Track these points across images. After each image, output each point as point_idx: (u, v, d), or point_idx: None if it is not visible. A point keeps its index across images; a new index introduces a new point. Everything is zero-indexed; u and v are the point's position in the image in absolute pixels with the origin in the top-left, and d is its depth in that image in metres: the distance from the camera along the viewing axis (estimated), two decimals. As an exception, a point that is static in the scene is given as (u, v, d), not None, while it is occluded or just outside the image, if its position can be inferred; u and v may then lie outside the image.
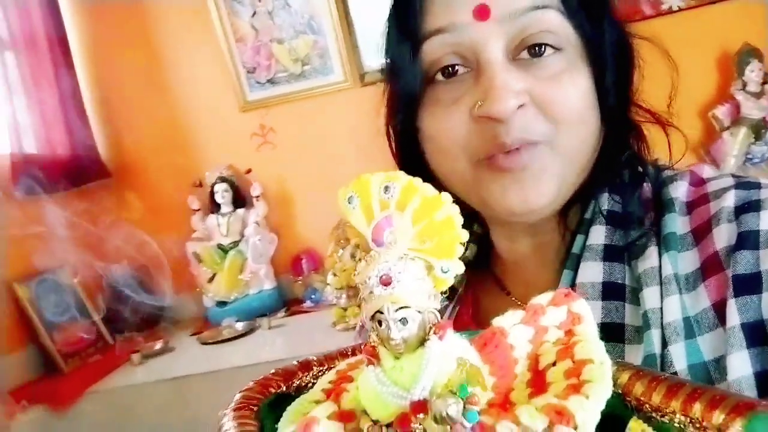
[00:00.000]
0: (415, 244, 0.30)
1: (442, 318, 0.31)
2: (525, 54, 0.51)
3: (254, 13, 2.23)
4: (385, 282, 0.30)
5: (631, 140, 0.57)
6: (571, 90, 0.51)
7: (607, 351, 0.33)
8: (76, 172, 2.15)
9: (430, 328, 0.31)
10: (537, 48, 0.50)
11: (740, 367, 0.43)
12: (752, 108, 1.93)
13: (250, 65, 2.27)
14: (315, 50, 2.23)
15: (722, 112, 1.97)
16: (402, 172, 0.30)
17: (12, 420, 1.59)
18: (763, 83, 1.92)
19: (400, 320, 0.30)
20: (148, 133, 2.30)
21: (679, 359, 0.46)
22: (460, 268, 0.31)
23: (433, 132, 0.54)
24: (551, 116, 0.50)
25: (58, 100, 2.12)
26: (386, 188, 0.30)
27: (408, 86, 0.55)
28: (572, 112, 0.51)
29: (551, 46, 0.51)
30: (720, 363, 0.45)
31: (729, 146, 1.96)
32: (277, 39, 2.24)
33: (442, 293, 0.32)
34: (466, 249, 0.69)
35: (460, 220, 0.30)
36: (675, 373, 0.45)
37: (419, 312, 0.30)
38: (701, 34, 2.01)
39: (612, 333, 0.50)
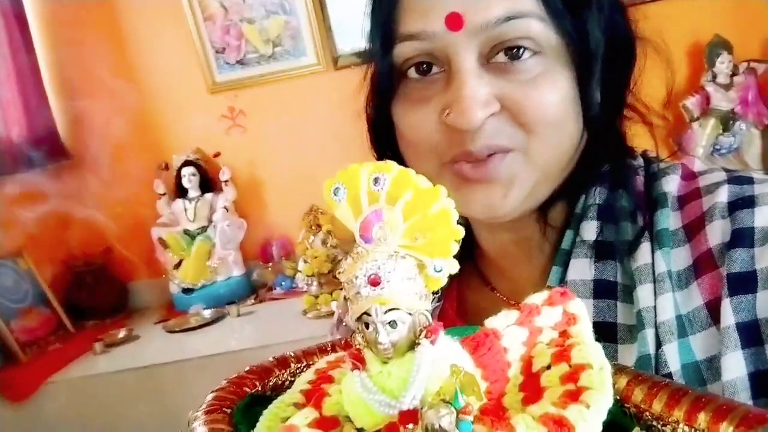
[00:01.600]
0: (407, 240, 0.28)
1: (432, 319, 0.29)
2: (502, 56, 0.49)
3: (224, -9, 2.16)
4: (374, 282, 0.27)
5: (614, 145, 0.55)
6: (548, 94, 0.49)
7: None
8: (34, 154, 2.07)
9: (421, 331, 0.29)
10: (515, 50, 0.49)
11: (735, 368, 0.42)
12: (721, 99, 1.96)
13: (219, 45, 2.20)
14: (287, 31, 2.18)
15: (692, 102, 1.99)
16: (393, 162, 0.28)
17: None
18: (732, 75, 1.95)
19: (389, 323, 0.28)
20: (112, 114, 2.22)
21: (673, 360, 0.45)
22: (455, 268, 0.29)
23: (402, 128, 0.53)
24: (524, 122, 0.49)
25: (15, 79, 2.03)
26: (376, 180, 0.28)
27: (382, 77, 0.54)
28: (547, 117, 0.49)
29: (529, 49, 0.49)
30: (712, 363, 0.44)
31: (698, 137, 1.99)
32: (248, 19, 2.18)
33: (433, 293, 0.30)
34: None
35: (456, 214, 0.28)
36: (669, 375, 0.44)
37: (409, 314, 0.28)
38: (672, 25, 2.00)
39: (604, 333, 0.48)
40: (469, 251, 0.65)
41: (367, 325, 0.28)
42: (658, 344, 0.45)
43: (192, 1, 2.15)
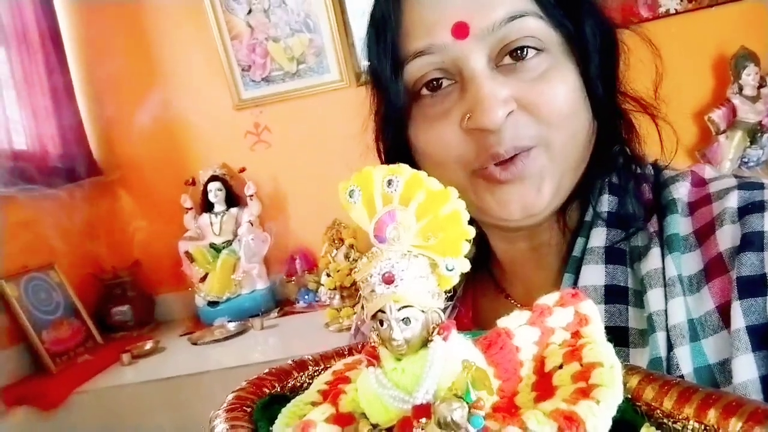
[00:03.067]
0: (419, 240, 0.29)
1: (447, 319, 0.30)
2: (508, 59, 0.51)
3: (250, 11, 2.22)
4: (388, 280, 0.28)
5: (622, 131, 0.57)
6: (558, 88, 0.51)
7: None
8: (67, 169, 2.13)
9: (434, 328, 0.29)
10: (519, 51, 0.50)
11: (746, 370, 0.42)
12: (748, 111, 1.93)
13: (245, 63, 2.25)
14: (311, 49, 2.22)
15: (718, 115, 1.97)
16: (406, 165, 0.29)
17: (0, 419, 1.56)
18: (760, 87, 1.92)
19: (402, 320, 0.29)
20: (141, 131, 2.28)
21: (685, 362, 0.45)
22: (466, 266, 0.30)
23: (424, 146, 0.54)
24: (541, 118, 0.50)
25: (50, 96, 2.09)
26: (389, 182, 0.29)
27: (394, 103, 0.54)
28: (562, 109, 0.50)
29: (533, 48, 0.50)
30: (725, 366, 0.44)
31: (725, 150, 1.96)
32: (273, 37, 2.23)
33: (445, 292, 0.31)
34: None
35: (467, 215, 0.29)
36: (681, 377, 0.44)
37: (423, 311, 0.29)
38: (698, 37, 2.01)
39: (616, 337, 0.48)
40: (485, 260, 0.65)
41: (381, 323, 0.29)
42: (670, 347, 0.46)
43: (219, 20, 2.20)
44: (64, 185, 2.13)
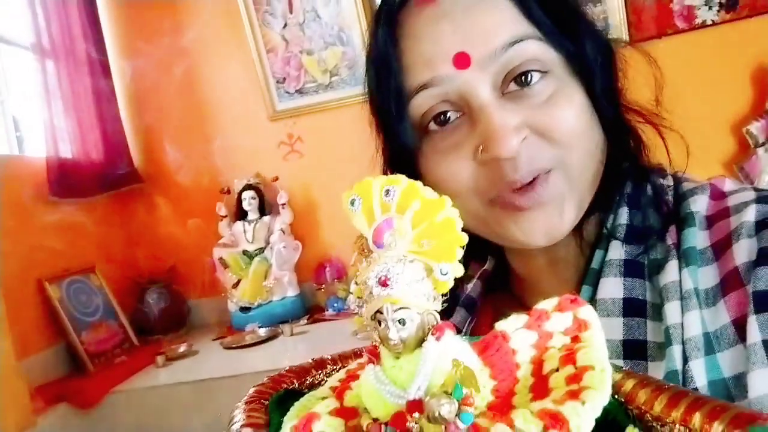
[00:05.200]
0: (415, 246, 0.31)
1: (443, 321, 0.32)
2: (513, 86, 0.50)
3: (285, 25, 2.27)
4: (383, 283, 0.30)
5: (631, 146, 0.56)
6: (567, 109, 0.50)
7: (631, 369, 0.32)
8: (109, 177, 2.21)
9: (429, 329, 0.31)
10: (524, 77, 0.50)
11: (762, 384, 0.42)
12: (787, 124, 1.88)
13: (279, 75, 2.31)
14: (344, 61, 2.26)
15: (757, 127, 1.92)
16: (403, 176, 0.31)
17: (39, 416, 1.63)
18: (800, 99, 1.87)
19: (398, 320, 0.30)
20: (180, 140, 2.35)
21: (700, 376, 0.45)
22: (460, 271, 0.31)
23: (437, 180, 0.53)
24: (555, 140, 0.50)
25: (94, 106, 2.18)
26: (387, 191, 0.31)
27: (402, 140, 0.54)
28: (574, 130, 0.50)
29: (537, 71, 0.50)
30: (740, 380, 0.44)
31: (763, 163, 1.91)
32: (307, 50, 2.28)
33: (442, 295, 0.32)
34: (485, 261, 0.67)
35: (461, 223, 0.31)
36: (695, 390, 0.44)
37: (418, 313, 0.31)
38: (736, 48, 1.98)
39: (634, 350, 0.49)
40: (504, 274, 0.66)
41: (380, 323, 0.31)
42: (685, 360, 0.46)
43: (256, 34, 2.27)
44: (106, 192, 2.21)
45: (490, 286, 0.67)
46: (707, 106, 1.88)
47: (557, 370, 0.34)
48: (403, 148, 0.54)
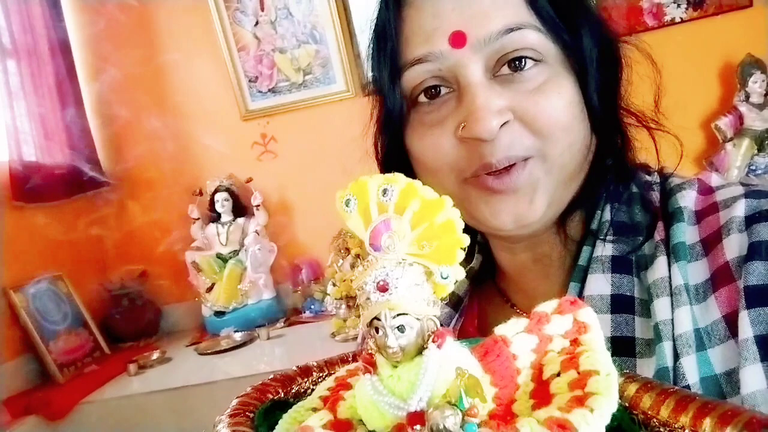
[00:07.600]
0: (414, 248, 0.29)
1: (443, 327, 0.30)
2: (506, 69, 0.51)
3: (257, 23, 2.24)
4: (382, 288, 0.28)
5: (619, 146, 0.56)
6: (555, 100, 0.50)
7: (619, 366, 0.31)
8: (76, 180, 2.15)
9: (429, 335, 0.30)
10: (517, 61, 0.51)
11: (754, 381, 0.42)
12: (755, 119, 1.93)
13: (252, 74, 2.27)
14: (317, 60, 2.24)
15: (725, 123, 1.96)
16: (401, 175, 0.29)
17: (7, 430, 1.57)
18: (766, 94, 1.92)
19: (397, 327, 0.29)
20: (149, 142, 2.30)
21: (691, 372, 0.45)
22: (461, 274, 0.30)
23: (419, 152, 0.54)
24: (537, 129, 0.50)
25: (59, 108, 2.12)
26: (384, 191, 0.29)
27: (391, 109, 0.55)
28: (558, 122, 0.50)
29: (531, 59, 0.51)
30: (732, 376, 0.43)
31: (732, 157, 1.96)
32: (280, 48, 2.25)
33: (441, 299, 0.31)
34: (473, 259, 0.67)
35: (461, 224, 0.29)
36: (688, 387, 0.44)
37: (418, 319, 0.29)
38: (704, 45, 2.01)
39: (622, 347, 0.48)
40: (490, 270, 0.65)
41: (377, 330, 0.30)
42: (676, 357, 0.45)
43: (227, 32, 2.23)
44: (73, 196, 2.15)
45: (476, 281, 0.67)
46: (677, 103, 1.91)
47: (558, 374, 0.33)
48: (392, 117, 0.55)
